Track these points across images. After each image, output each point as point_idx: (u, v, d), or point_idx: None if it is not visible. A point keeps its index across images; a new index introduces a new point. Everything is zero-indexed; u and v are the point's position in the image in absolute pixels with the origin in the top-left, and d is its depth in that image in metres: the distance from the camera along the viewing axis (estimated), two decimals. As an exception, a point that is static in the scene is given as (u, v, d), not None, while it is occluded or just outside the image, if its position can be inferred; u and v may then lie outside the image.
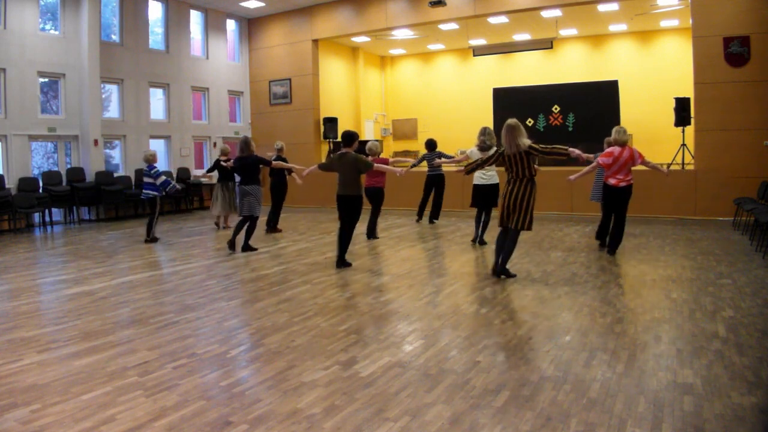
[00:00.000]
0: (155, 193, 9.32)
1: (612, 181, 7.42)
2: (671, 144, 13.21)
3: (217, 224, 11.27)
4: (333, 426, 2.98)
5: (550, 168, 14.31)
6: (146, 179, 9.35)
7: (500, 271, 6.36)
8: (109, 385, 3.54)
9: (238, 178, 8.94)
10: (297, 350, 4.15)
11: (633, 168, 7.46)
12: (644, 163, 7.48)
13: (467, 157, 8.32)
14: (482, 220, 8.61)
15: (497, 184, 8.24)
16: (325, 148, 16.54)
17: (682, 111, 11.74)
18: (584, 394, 3.29)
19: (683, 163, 11.72)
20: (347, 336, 4.46)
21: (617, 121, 16.16)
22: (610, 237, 7.75)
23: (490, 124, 18.23)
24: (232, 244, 8.24)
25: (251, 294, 5.97)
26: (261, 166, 8.53)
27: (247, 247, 8.34)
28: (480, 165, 6.60)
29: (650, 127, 16.61)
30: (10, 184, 11.47)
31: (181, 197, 14.26)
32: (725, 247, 7.98)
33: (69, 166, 12.78)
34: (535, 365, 3.76)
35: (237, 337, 4.54)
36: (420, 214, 11.47)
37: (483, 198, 8.39)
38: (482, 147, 8.12)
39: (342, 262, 7.15)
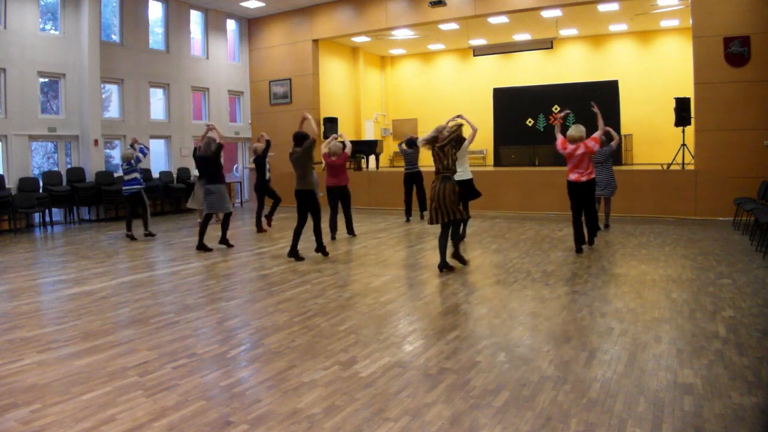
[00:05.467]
0: (139, 186, 10.02)
1: (572, 177, 7.53)
2: (671, 144, 13.22)
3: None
4: (333, 426, 2.98)
5: (550, 168, 14.33)
6: (132, 175, 9.93)
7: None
8: (109, 385, 3.55)
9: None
10: (297, 350, 4.15)
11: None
12: (598, 138, 7.53)
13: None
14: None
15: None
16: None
17: (682, 111, 11.73)
18: (584, 394, 3.29)
19: (683, 163, 11.71)
20: (347, 336, 4.46)
21: (617, 121, 16.19)
22: (589, 229, 7.85)
23: (490, 124, 18.44)
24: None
25: (251, 294, 5.97)
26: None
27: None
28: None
29: (650, 127, 16.63)
30: (11, 184, 11.47)
31: (181, 197, 14.25)
32: (725, 247, 7.97)
33: (69, 166, 12.78)
34: (535, 365, 3.76)
35: (237, 337, 4.54)
36: (408, 214, 11.59)
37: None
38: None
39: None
